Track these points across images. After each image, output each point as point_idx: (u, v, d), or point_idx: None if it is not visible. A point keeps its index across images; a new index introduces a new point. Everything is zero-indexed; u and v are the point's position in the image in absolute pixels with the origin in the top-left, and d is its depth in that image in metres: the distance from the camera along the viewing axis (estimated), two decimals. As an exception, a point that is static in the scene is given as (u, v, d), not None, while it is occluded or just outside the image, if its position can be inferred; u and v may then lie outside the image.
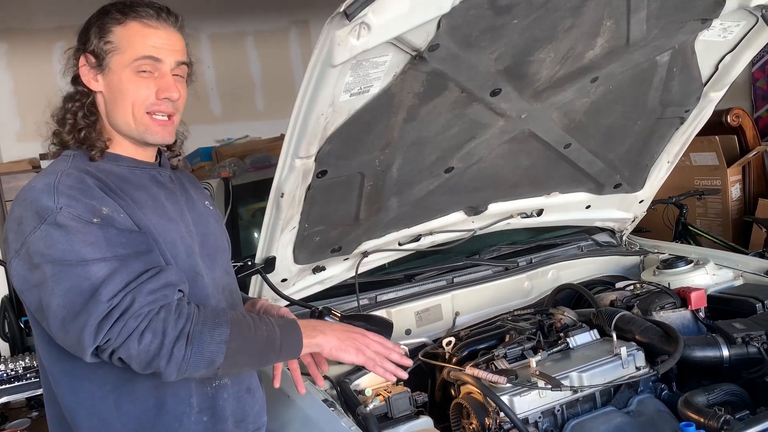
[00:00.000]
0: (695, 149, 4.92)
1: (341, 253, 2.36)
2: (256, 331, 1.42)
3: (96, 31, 1.47)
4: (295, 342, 1.49)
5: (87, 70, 1.48)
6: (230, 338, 1.35)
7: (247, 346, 1.40)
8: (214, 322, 1.36)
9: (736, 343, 2.00)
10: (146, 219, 1.43)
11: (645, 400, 1.98)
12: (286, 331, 1.48)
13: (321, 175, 1.97)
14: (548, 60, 1.97)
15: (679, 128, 2.62)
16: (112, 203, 1.38)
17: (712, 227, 5.09)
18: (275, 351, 1.47)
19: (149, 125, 1.48)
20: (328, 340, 1.54)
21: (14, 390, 3.49)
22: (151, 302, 1.30)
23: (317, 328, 1.55)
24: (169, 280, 1.35)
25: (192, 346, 1.31)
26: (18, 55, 5.79)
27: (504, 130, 2.20)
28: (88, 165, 1.47)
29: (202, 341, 1.33)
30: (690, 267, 2.53)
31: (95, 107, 1.51)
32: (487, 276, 2.71)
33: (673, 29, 2.11)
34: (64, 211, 1.32)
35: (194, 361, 1.32)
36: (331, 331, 1.56)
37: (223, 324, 1.36)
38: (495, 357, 2.02)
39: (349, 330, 1.60)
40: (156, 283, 1.32)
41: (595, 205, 2.88)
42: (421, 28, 1.64)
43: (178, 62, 1.50)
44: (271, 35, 6.81)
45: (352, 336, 1.58)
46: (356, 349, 1.56)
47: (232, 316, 1.40)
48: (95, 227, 1.33)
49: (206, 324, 1.35)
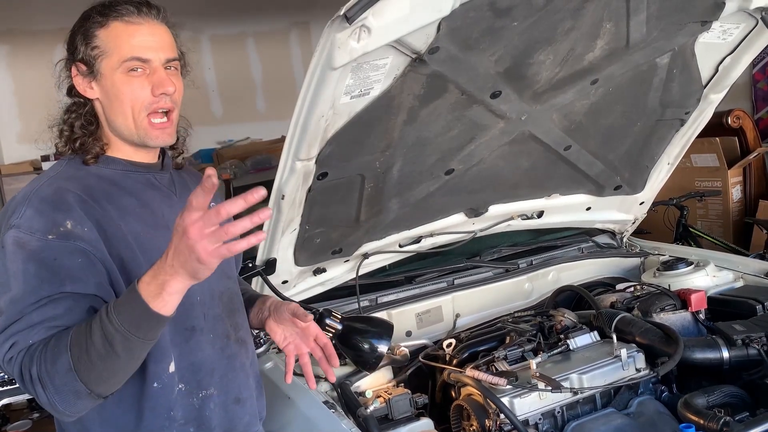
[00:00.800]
0: (696, 151, 4.92)
1: (342, 254, 2.36)
2: (92, 336, 1.21)
3: (81, 38, 1.45)
4: (144, 313, 1.20)
5: (80, 79, 1.47)
6: (74, 361, 1.22)
7: (92, 356, 1.21)
8: (54, 354, 1.23)
9: (736, 344, 2.00)
10: (127, 228, 1.41)
11: (645, 402, 1.99)
12: (126, 309, 1.21)
13: (321, 177, 1.97)
14: (548, 62, 1.97)
15: (679, 130, 2.62)
16: (80, 216, 1.35)
17: (713, 229, 5.09)
18: (126, 338, 1.21)
19: (149, 129, 1.47)
20: (178, 279, 1.18)
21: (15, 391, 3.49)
22: (10, 348, 1.27)
23: (158, 277, 1.19)
24: (41, 318, 1.26)
25: (47, 389, 1.23)
26: (19, 56, 5.80)
27: (504, 132, 2.20)
28: (79, 170, 1.47)
29: (52, 380, 1.23)
30: (690, 269, 2.53)
31: (94, 116, 1.50)
32: (487, 278, 2.71)
33: (672, 31, 2.11)
34: (12, 231, 1.32)
35: (60, 400, 1.24)
36: (171, 266, 1.17)
37: (62, 352, 1.23)
38: (495, 359, 2.02)
39: (177, 246, 1.16)
40: (21, 326, 1.27)
41: (595, 207, 2.88)
42: (421, 31, 1.65)
43: (168, 59, 1.47)
44: (272, 37, 6.83)
45: (182, 250, 1.15)
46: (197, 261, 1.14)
47: (73, 334, 1.24)
48: (27, 256, 1.30)
49: (47, 360, 1.24)
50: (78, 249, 1.33)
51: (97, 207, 1.39)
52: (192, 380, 1.48)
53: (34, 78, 5.71)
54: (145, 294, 1.19)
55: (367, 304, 2.50)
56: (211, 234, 1.12)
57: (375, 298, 2.53)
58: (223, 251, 1.13)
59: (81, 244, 1.34)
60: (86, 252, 1.34)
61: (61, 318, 1.28)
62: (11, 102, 5.80)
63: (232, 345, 1.58)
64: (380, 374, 2.04)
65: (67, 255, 1.32)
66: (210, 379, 1.51)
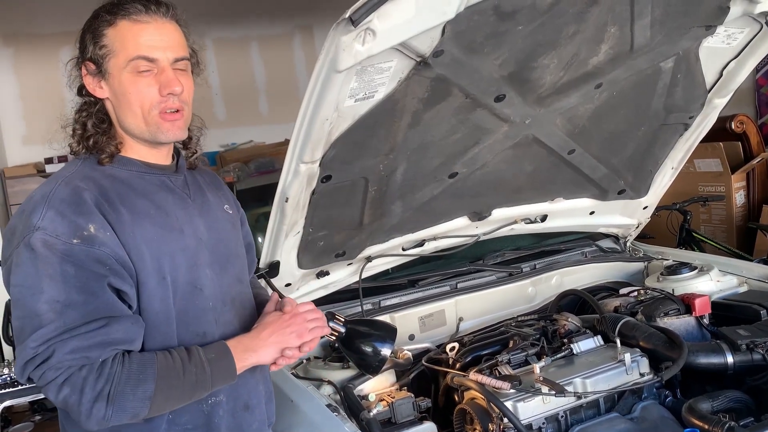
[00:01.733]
0: (699, 155, 4.91)
1: (345, 257, 2.36)
2: (185, 377, 1.38)
3: (90, 37, 1.45)
4: (227, 373, 1.44)
5: (90, 79, 1.46)
6: (155, 393, 1.34)
7: (174, 393, 1.37)
8: (138, 379, 1.33)
9: (741, 349, 2.00)
10: (140, 233, 1.40)
11: (649, 407, 1.98)
12: (217, 366, 1.42)
13: (325, 180, 1.98)
14: (552, 66, 1.97)
15: (683, 134, 2.62)
16: (101, 220, 1.36)
17: (716, 234, 5.08)
18: (206, 389, 1.42)
19: (160, 124, 1.45)
20: (262, 355, 1.48)
21: (17, 394, 3.49)
22: (71, 360, 1.29)
23: (249, 348, 1.47)
24: (107, 339, 1.32)
25: (113, 406, 1.30)
26: (24, 59, 5.82)
27: (508, 136, 2.20)
28: (94, 170, 1.45)
29: (123, 400, 1.31)
30: (694, 273, 2.53)
31: (106, 114, 1.49)
32: (490, 281, 2.71)
33: (677, 36, 2.11)
34: (39, 233, 1.32)
35: (116, 418, 1.31)
36: (263, 343, 1.49)
37: (148, 379, 1.33)
38: (499, 362, 2.02)
39: (278, 327, 1.52)
40: (85, 342, 1.29)
41: (599, 211, 2.88)
42: (426, 34, 1.65)
43: (176, 59, 1.45)
44: (276, 40, 6.84)
45: (283, 332, 1.52)
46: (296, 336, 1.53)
47: (160, 365, 1.36)
48: (61, 257, 1.31)
49: (129, 382, 1.32)
50: (103, 255, 1.34)
51: (112, 211, 1.39)
52: None
53: (38, 81, 5.73)
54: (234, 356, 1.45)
55: (370, 307, 2.50)
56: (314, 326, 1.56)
57: (378, 302, 2.53)
58: (317, 331, 1.56)
59: (105, 250, 1.34)
60: (110, 258, 1.34)
61: (124, 343, 1.35)
62: (16, 104, 5.81)
63: None
64: (383, 378, 2.04)
65: (93, 261, 1.33)
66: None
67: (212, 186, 1.69)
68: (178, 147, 1.62)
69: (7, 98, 5.79)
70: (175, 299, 1.43)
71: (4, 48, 5.80)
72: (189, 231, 1.50)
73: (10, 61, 5.81)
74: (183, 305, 1.44)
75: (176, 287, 1.43)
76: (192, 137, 1.62)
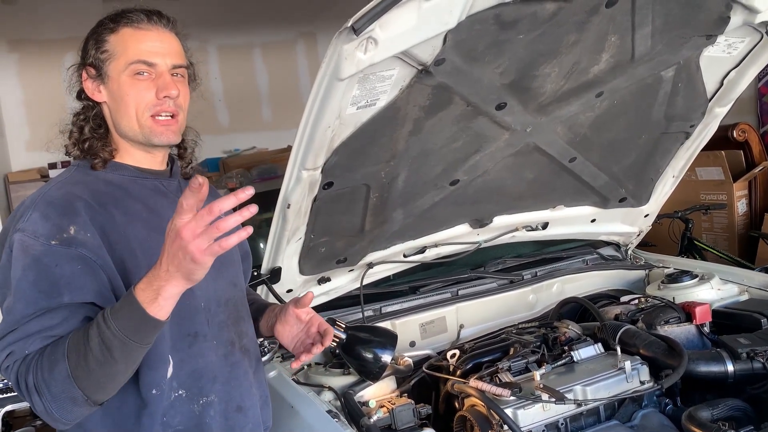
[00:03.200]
0: (701, 164, 4.91)
1: (346, 264, 2.37)
2: (90, 342, 1.24)
3: (93, 43, 1.50)
4: (140, 318, 1.23)
5: (90, 83, 1.51)
6: (71, 368, 1.25)
7: (90, 363, 1.24)
8: (51, 362, 1.26)
9: (741, 358, 2.00)
10: (133, 234, 1.42)
11: (649, 415, 1.98)
12: (122, 316, 1.24)
13: (327, 187, 1.98)
14: (553, 74, 1.98)
15: (684, 143, 2.62)
16: (84, 222, 1.36)
17: (718, 242, 5.07)
18: (124, 344, 1.24)
19: (153, 127, 1.48)
20: (173, 282, 1.21)
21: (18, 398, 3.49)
22: (5, 358, 1.30)
23: (153, 282, 1.22)
24: (36, 328, 1.29)
25: (44, 396, 1.26)
26: (28, 65, 5.84)
27: (509, 144, 2.21)
28: (88, 175, 1.49)
29: (49, 387, 1.26)
30: (695, 281, 2.53)
31: (102, 119, 1.52)
32: (491, 289, 2.71)
33: (677, 45, 2.12)
34: (18, 234, 1.35)
35: (57, 408, 1.26)
36: (166, 271, 1.20)
37: (59, 359, 1.25)
38: (499, 370, 2.02)
39: (169, 249, 1.19)
40: (17, 335, 1.29)
41: (600, 219, 2.88)
42: (428, 43, 1.66)
43: (174, 65, 1.50)
44: (279, 47, 6.85)
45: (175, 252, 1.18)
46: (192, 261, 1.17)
47: (69, 342, 1.27)
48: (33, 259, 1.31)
49: (44, 368, 1.26)
50: (79, 256, 1.34)
51: (103, 212, 1.41)
52: (193, 387, 1.48)
53: (42, 86, 5.74)
54: (142, 299, 1.22)
55: (371, 313, 2.50)
56: (203, 233, 1.15)
57: (379, 308, 2.54)
58: (215, 248, 1.16)
59: (82, 251, 1.35)
60: (87, 259, 1.35)
61: (57, 328, 1.31)
62: (20, 110, 5.83)
63: (236, 353, 1.58)
64: (384, 384, 2.04)
65: (68, 262, 1.33)
66: (211, 386, 1.51)
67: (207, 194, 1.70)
68: (173, 155, 1.64)
69: (12, 104, 5.80)
70: None
71: (9, 54, 5.82)
72: None
73: (14, 66, 5.83)
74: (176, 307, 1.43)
75: None
76: (187, 148, 1.66)
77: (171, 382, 1.44)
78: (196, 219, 1.15)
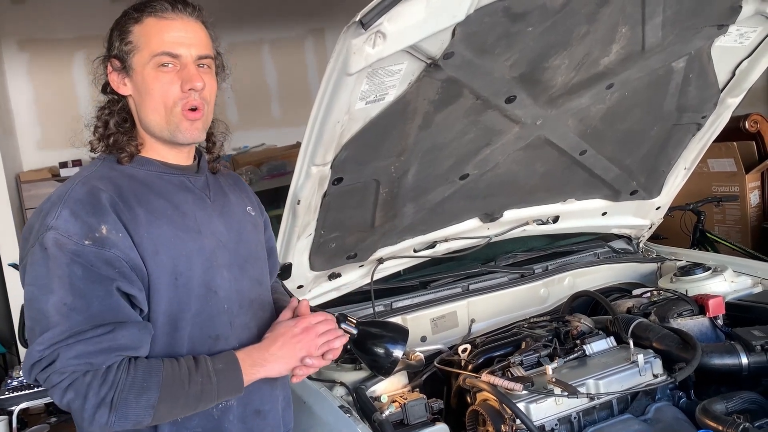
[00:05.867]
0: (713, 155, 4.88)
1: (357, 259, 2.37)
2: (190, 386, 1.36)
3: (117, 34, 1.46)
4: (234, 386, 1.42)
5: (115, 76, 1.47)
6: (159, 401, 1.33)
7: (178, 403, 1.36)
8: (142, 387, 1.32)
9: (755, 350, 1.98)
10: (156, 233, 1.40)
11: (662, 408, 1.97)
12: (224, 378, 1.41)
13: (337, 182, 1.98)
14: (563, 66, 1.97)
15: (695, 134, 2.61)
16: (114, 220, 1.35)
17: (731, 234, 5.04)
18: (212, 400, 1.41)
19: (180, 122, 1.44)
20: (270, 370, 1.46)
21: (33, 396, 3.51)
22: (76, 365, 1.29)
23: (257, 362, 1.45)
24: (112, 345, 1.31)
25: (116, 412, 1.30)
26: (38, 64, 5.86)
27: (519, 137, 2.20)
28: (113, 170, 1.45)
29: (126, 407, 1.30)
30: (708, 274, 2.51)
31: (128, 113, 1.49)
32: (502, 283, 2.71)
33: (688, 35, 2.10)
34: (51, 233, 1.32)
35: (119, 425, 1.31)
36: (272, 358, 1.46)
37: (152, 388, 1.33)
38: (511, 364, 2.02)
39: (287, 341, 1.49)
40: (90, 347, 1.29)
41: (611, 212, 2.87)
42: (436, 37, 1.65)
43: (200, 56, 1.46)
44: (287, 43, 6.85)
45: (293, 347, 1.48)
46: (304, 356, 1.49)
47: (166, 373, 1.35)
48: (71, 258, 1.31)
49: (132, 390, 1.31)
50: (113, 257, 1.33)
51: (127, 212, 1.38)
52: None
53: (53, 86, 5.76)
54: (242, 369, 1.43)
55: (382, 309, 2.50)
56: (326, 335, 1.51)
57: (390, 303, 2.54)
58: (320, 361, 1.51)
59: (115, 252, 1.34)
60: (120, 260, 1.34)
61: (129, 349, 1.34)
62: (31, 109, 5.85)
63: None
64: (395, 379, 2.04)
65: (103, 263, 1.33)
66: None
67: (235, 188, 1.68)
68: (200, 149, 1.61)
69: (22, 103, 5.83)
70: (189, 301, 1.43)
71: (19, 53, 5.84)
72: (207, 231, 1.49)
73: (25, 66, 5.85)
74: (197, 307, 1.43)
75: (190, 289, 1.43)
76: (216, 142, 1.62)
77: None
78: (328, 323, 1.54)
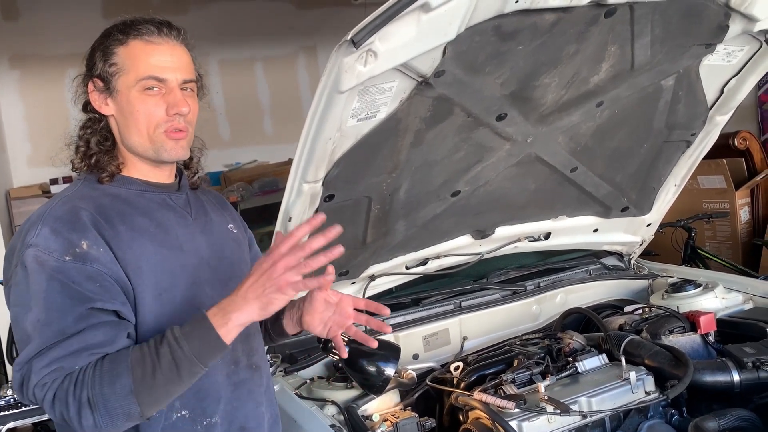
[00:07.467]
0: (703, 172, 4.92)
1: (348, 276, 2.36)
2: (160, 360, 1.27)
3: (100, 54, 1.46)
4: (211, 342, 1.29)
5: (96, 95, 1.47)
6: (135, 386, 1.26)
7: (156, 381, 1.27)
8: (112, 375, 1.26)
9: (747, 367, 1.99)
10: (139, 250, 1.40)
11: (655, 426, 1.97)
12: (195, 337, 1.29)
13: (328, 199, 1.98)
14: (553, 85, 1.98)
15: (685, 151, 2.62)
16: (95, 236, 1.35)
17: (721, 250, 5.07)
18: (192, 365, 1.29)
19: (164, 142, 1.45)
20: (246, 311, 1.29)
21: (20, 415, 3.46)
22: (48, 372, 1.27)
23: (228, 310, 1.30)
24: (81, 346, 1.28)
25: (98, 411, 1.25)
26: (30, 81, 5.87)
27: (510, 154, 2.21)
28: (95, 189, 1.46)
29: (105, 401, 1.25)
30: (699, 290, 2.52)
31: (109, 132, 1.49)
32: (494, 300, 2.70)
33: (677, 54, 2.12)
34: (32, 250, 1.32)
35: (108, 422, 1.26)
36: (242, 300, 1.30)
37: (122, 374, 1.26)
38: (503, 382, 2.01)
39: (257, 279, 1.30)
40: (60, 352, 1.27)
41: (602, 229, 2.88)
42: (427, 55, 1.66)
43: (185, 80, 1.47)
44: (280, 61, 6.89)
45: (262, 282, 1.29)
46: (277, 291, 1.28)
47: (133, 357, 1.28)
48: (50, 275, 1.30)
49: (104, 381, 1.26)
50: (95, 272, 1.33)
51: (109, 229, 1.38)
52: (197, 407, 1.45)
53: (44, 102, 5.77)
54: (214, 323, 1.29)
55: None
56: (296, 267, 1.27)
57: (381, 321, 2.52)
58: (299, 285, 1.28)
59: (97, 266, 1.33)
60: (102, 274, 1.34)
61: (103, 346, 1.30)
62: (22, 126, 5.85)
63: (240, 371, 1.54)
64: (387, 397, 2.03)
65: (85, 278, 1.32)
66: (216, 407, 1.47)
67: (216, 205, 1.69)
68: (180, 167, 1.62)
69: (13, 120, 5.82)
70: (173, 316, 1.41)
71: (10, 70, 5.85)
72: (190, 249, 1.49)
73: (16, 83, 5.86)
74: (181, 323, 1.42)
75: (174, 305, 1.42)
76: (193, 157, 1.63)
77: (174, 402, 1.41)
78: (293, 253, 1.27)
